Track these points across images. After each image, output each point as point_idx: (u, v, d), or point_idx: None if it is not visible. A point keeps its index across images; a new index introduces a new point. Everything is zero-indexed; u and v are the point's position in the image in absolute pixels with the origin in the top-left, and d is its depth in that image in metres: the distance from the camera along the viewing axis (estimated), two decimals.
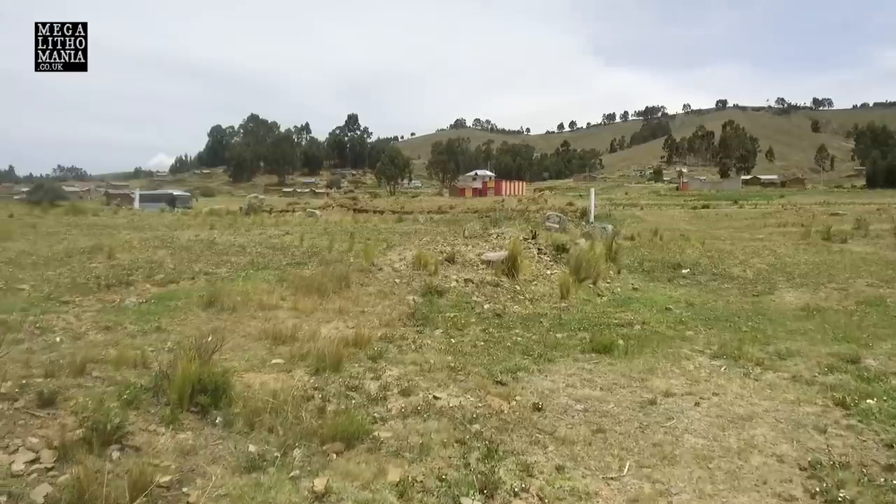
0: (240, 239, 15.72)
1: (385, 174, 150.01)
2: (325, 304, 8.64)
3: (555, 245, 15.77)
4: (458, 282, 10.55)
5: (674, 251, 18.55)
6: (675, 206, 63.22)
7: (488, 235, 14.16)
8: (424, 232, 19.06)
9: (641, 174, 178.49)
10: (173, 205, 53.05)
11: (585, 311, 9.86)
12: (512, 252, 11.45)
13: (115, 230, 18.39)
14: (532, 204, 65.97)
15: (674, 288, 12.56)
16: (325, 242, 14.84)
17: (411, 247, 12.69)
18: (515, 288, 10.81)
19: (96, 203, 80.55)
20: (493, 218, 27.17)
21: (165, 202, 55.54)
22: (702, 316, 9.64)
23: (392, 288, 9.96)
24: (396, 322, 8.25)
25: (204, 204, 66.27)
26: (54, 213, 27.47)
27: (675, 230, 30.93)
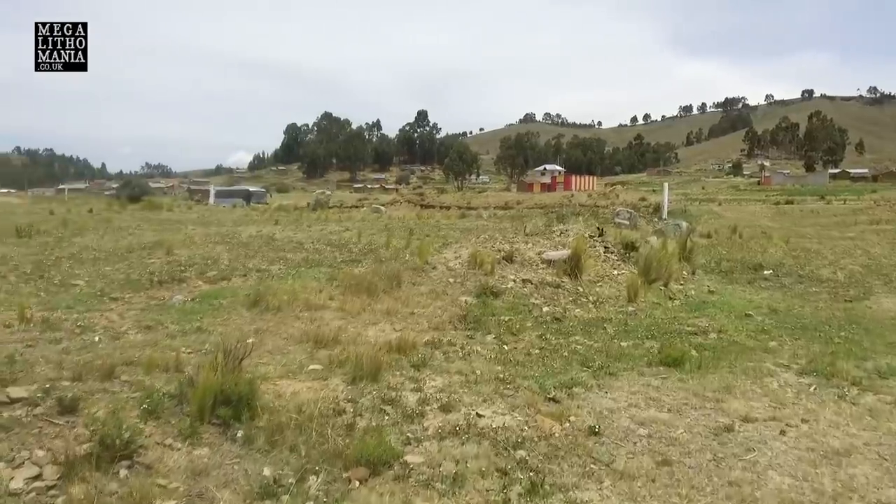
0: (300, 235, 15.59)
1: (453, 170, 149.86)
2: (374, 305, 8.22)
3: (623, 243, 14.92)
4: (515, 282, 9.96)
5: (755, 250, 17.33)
6: (755, 201, 60.10)
7: (551, 233, 13.47)
8: (485, 228, 18.51)
9: (720, 168, 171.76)
10: (249, 200, 54.24)
11: (655, 316, 9.08)
12: (575, 251, 10.76)
13: (183, 225, 18.69)
14: (602, 199, 64.45)
15: (754, 291, 11.56)
16: (383, 239, 14.51)
17: (468, 245, 12.16)
18: (578, 289, 10.13)
19: (179, 198, 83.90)
20: (559, 214, 26.33)
21: (241, 198, 56.84)
22: (787, 324, 8.71)
23: (445, 288, 9.47)
24: (446, 325, 7.75)
25: (278, 199, 67.77)
26: (132, 208, 28.42)
27: (755, 227, 29.22)
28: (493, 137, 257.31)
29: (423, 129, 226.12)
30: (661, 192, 76.75)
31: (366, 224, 20.18)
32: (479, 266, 10.35)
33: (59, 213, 24.43)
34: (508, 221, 24.91)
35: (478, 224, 22.14)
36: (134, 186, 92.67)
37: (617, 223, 22.68)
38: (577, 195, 72.53)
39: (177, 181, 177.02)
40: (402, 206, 75.22)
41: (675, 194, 78.94)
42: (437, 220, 24.60)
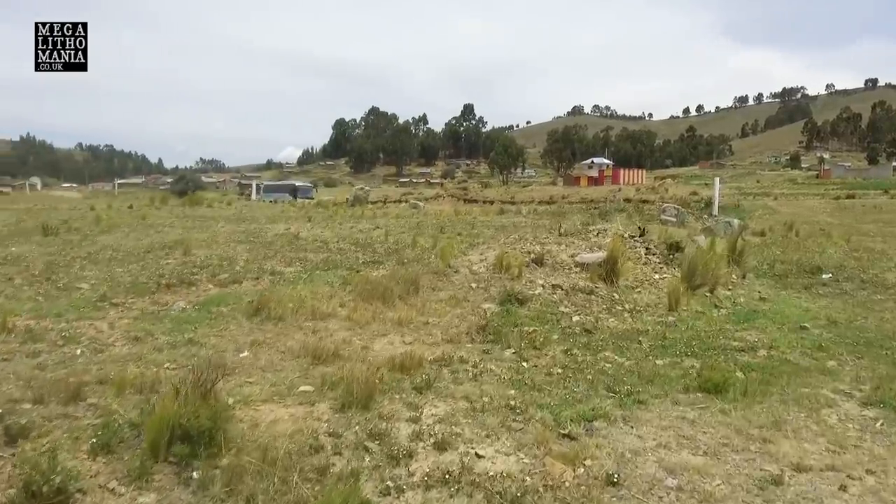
0: (327, 233, 15.14)
1: (498, 164, 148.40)
2: (386, 313, 7.61)
3: (667, 243, 13.98)
4: (544, 288, 9.22)
5: (812, 250, 16.12)
6: (814, 195, 57.44)
7: (587, 233, 12.64)
8: (521, 226, 17.75)
9: (776, 161, 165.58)
10: (295, 195, 54.52)
11: (697, 327, 8.22)
12: (611, 253, 9.94)
13: (216, 222, 18.47)
14: (651, 193, 62.38)
15: (811, 298, 10.53)
16: (411, 238, 13.90)
17: (497, 246, 11.45)
18: (613, 296, 9.32)
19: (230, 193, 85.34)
20: (601, 210, 25.32)
21: (288, 193, 57.37)
22: (848, 339, 7.75)
23: (466, 294, 8.80)
24: (463, 337, 7.09)
25: (325, 194, 68.28)
26: (172, 203, 28.56)
27: (813, 224, 27.61)
28: (539, 131, 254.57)
29: (468, 123, 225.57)
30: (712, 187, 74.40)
31: (399, 221, 19.63)
32: (506, 270, 9.65)
33: (99, 209, 24.67)
34: (548, 218, 24.04)
35: (515, 221, 21.35)
36: (187, 181, 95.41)
37: (663, 220, 21.59)
38: (624, 189, 70.56)
39: (228, 176, 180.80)
40: (446, 201, 74.68)
41: (728, 188, 76.26)
42: (475, 217, 23.89)
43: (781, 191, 66.74)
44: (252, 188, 48.78)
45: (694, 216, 24.65)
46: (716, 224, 19.03)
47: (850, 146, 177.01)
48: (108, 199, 45.91)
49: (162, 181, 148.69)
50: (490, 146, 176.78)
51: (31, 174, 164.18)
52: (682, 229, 20.77)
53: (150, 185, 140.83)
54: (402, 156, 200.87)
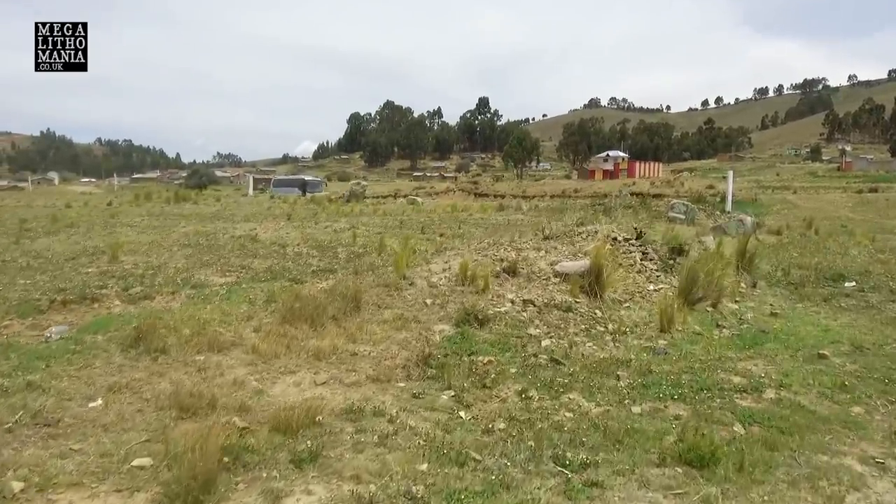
0: (294, 234, 13.81)
1: (512, 157, 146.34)
2: (308, 341, 6.24)
3: (670, 246, 12.49)
4: (513, 304, 7.80)
5: (833, 252, 14.53)
6: (835, 189, 55.16)
7: (575, 234, 11.17)
8: (519, 224, 16.33)
9: (796, 153, 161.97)
10: (304, 190, 53.62)
11: (692, 355, 6.77)
12: (595, 261, 8.49)
13: (186, 220, 17.23)
14: (666, 187, 60.62)
15: (832, 313, 9.01)
16: (387, 240, 12.52)
17: (468, 250, 10.01)
18: (595, 313, 7.89)
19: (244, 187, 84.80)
20: (606, 206, 23.74)
21: (297, 187, 56.84)
22: (877, 372, 6.27)
23: (418, 313, 7.41)
24: (396, 373, 5.71)
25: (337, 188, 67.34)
26: (157, 200, 27.40)
27: (834, 220, 25.84)
28: (555, 123, 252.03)
29: (483, 117, 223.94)
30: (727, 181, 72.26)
31: (385, 220, 18.28)
32: (470, 282, 8.23)
33: (76, 206, 23.56)
34: (549, 215, 22.55)
35: (512, 218, 19.92)
36: (201, 176, 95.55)
37: (671, 218, 20.00)
38: (638, 183, 68.99)
39: (243, 171, 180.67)
40: (456, 195, 73.66)
41: (746, 182, 74.08)
42: (471, 214, 22.49)
43: (801, 184, 64.43)
44: (249, 183, 47.57)
45: (706, 213, 23.01)
46: (727, 222, 17.45)
47: (872, 138, 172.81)
48: (108, 194, 45.00)
49: (177, 176, 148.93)
50: (505, 139, 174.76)
51: (51, 169, 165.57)
52: (691, 228, 19.20)
53: (165, 180, 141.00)
54: (417, 150, 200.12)
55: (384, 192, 64.68)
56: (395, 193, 62.05)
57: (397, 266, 8.82)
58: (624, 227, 12.32)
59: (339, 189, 69.09)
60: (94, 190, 74.14)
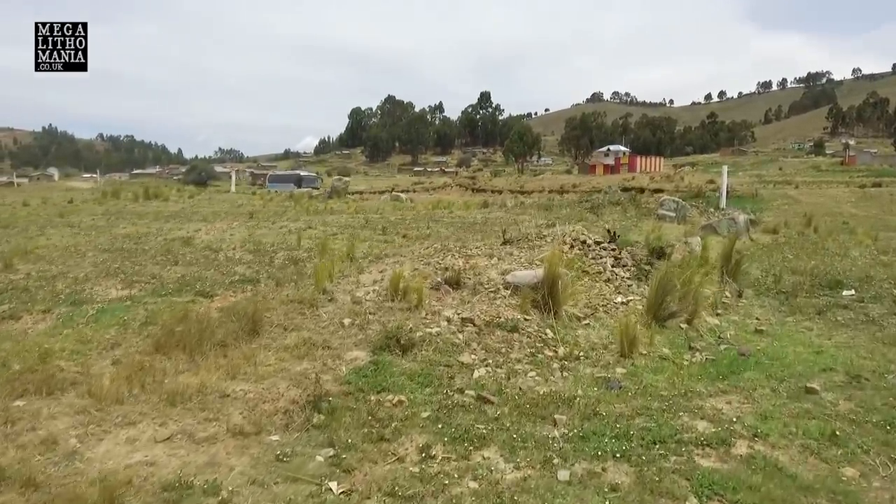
0: (239, 236, 12.66)
1: (513, 152, 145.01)
2: (175, 378, 5.09)
3: (650, 249, 11.33)
4: (449, 322, 6.63)
5: (832, 253, 13.34)
6: (838, 183, 53.72)
7: (540, 238, 9.96)
8: (499, 222, 15.15)
9: (800, 147, 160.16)
10: (300, 185, 52.84)
11: (653, 389, 5.60)
12: (549, 271, 7.30)
13: (134, 220, 16.09)
14: (665, 182, 59.47)
15: (826, 329, 7.83)
16: (337, 243, 11.37)
17: (411, 258, 8.82)
18: (545, 334, 6.72)
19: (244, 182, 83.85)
20: (594, 204, 22.55)
21: (293, 183, 56.36)
22: (877, 414, 5.09)
23: (330, 336, 6.24)
24: (274, 421, 4.56)
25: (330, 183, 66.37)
26: (124, 197, 26.27)
27: (836, 216, 24.61)
28: (558, 118, 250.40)
29: (485, 111, 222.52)
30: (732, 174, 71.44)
31: (354, 218, 17.12)
32: (402, 296, 7.06)
33: (34, 204, 22.45)
34: (535, 212, 21.37)
35: (492, 216, 18.72)
36: (200, 171, 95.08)
37: (660, 216, 18.80)
38: (638, 177, 67.85)
39: (243, 166, 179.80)
40: (453, 191, 72.53)
41: (748, 176, 72.67)
42: (451, 211, 21.29)
43: (804, 179, 63.07)
44: (232, 179, 46.35)
45: (699, 210, 21.77)
46: (718, 221, 16.22)
47: (876, 132, 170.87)
48: (95, 191, 43.82)
49: (177, 171, 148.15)
50: (507, 134, 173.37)
51: (52, 165, 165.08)
52: (681, 225, 18.03)
53: (165, 176, 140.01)
54: (418, 144, 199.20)
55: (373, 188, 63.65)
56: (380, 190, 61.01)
57: (317, 278, 7.63)
58: (598, 229, 11.13)
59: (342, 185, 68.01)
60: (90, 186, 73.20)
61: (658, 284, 7.40)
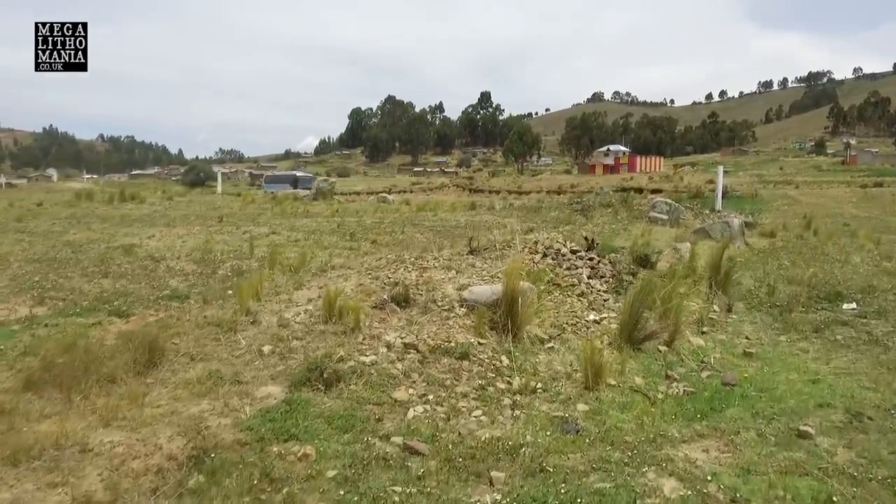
0: (190, 243, 11.81)
1: (513, 152, 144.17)
2: (35, 425, 4.22)
3: (634, 256, 10.47)
4: (389, 349, 5.75)
5: (833, 259, 12.49)
6: (839, 183, 52.83)
7: (511, 246, 9.06)
8: (483, 226, 14.29)
9: (801, 147, 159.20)
10: (296, 186, 52.50)
11: (618, 432, 4.73)
12: (508, 286, 6.41)
13: (94, 224, 15.24)
14: (664, 182, 58.89)
15: (824, 351, 6.95)
16: (294, 251, 10.50)
17: (359, 270, 7.91)
18: (499, 362, 5.84)
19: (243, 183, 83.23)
20: (584, 205, 21.67)
21: (289, 183, 56.34)
22: (883, 467, 4.20)
23: (244, 367, 5.37)
24: (140, 485, 3.68)
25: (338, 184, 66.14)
26: (98, 200, 25.43)
27: (837, 217, 23.74)
28: (559, 118, 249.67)
29: (485, 111, 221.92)
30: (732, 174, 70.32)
31: (328, 222, 16.24)
32: (338, 317, 6.18)
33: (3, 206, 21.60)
34: (522, 214, 20.49)
35: (476, 220, 17.85)
36: (198, 172, 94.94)
37: (652, 218, 17.91)
38: (637, 177, 67.23)
39: (244, 166, 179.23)
40: (451, 191, 71.91)
41: (748, 176, 71.76)
42: (436, 213, 20.42)
43: (804, 178, 62.15)
44: (218, 180, 45.48)
45: (693, 212, 20.87)
46: (712, 224, 15.31)
47: (877, 131, 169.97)
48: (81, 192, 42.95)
49: (176, 172, 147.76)
50: (507, 134, 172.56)
51: (52, 165, 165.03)
52: (673, 228, 17.14)
53: (163, 176, 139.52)
54: (418, 145, 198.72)
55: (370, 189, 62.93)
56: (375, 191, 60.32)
57: (240, 297, 6.76)
58: (585, 233, 10.24)
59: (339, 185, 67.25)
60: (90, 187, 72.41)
61: (632, 301, 6.51)
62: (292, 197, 31.45)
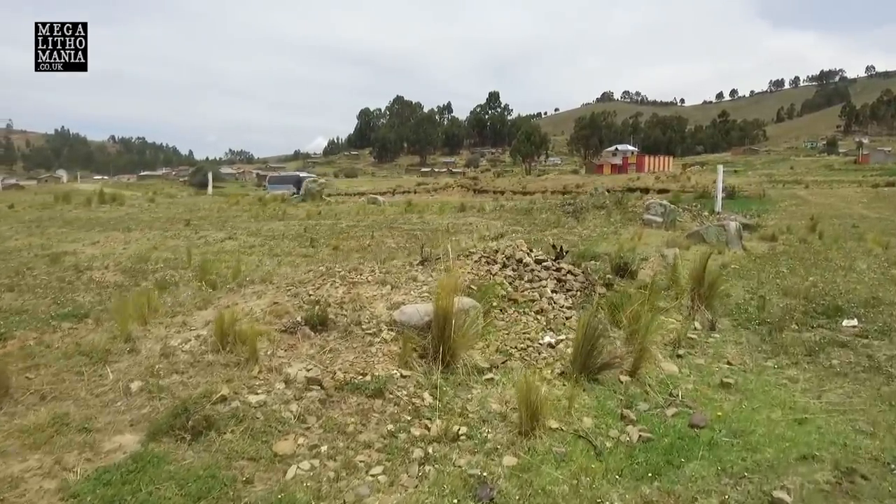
0: (133, 249, 10.91)
1: (520, 152, 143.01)
2: None
3: (612, 265, 9.51)
4: (287, 385, 4.81)
5: (836, 266, 11.46)
6: (850, 183, 51.46)
7: (469, 255, 8.06)
8: (465, 230, 13.36)
9: (812, 146, 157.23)
10: (299, 187, 52.09)
11: (544, 500, 3.77)
12: (440, 306, 5.44)
13: (50, 228, 14.41)
14: (671, 182, 57.91)
15: (816, 381, 5.94)
16: (244, 258, 9.59)
17: (278, 286, 6.94)
18: (420, 401, 4.88)
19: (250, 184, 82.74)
20: (575, 207, 20.67)
21: (293, 184, 56.09)
22: None
23: (100, 410, 4.44)
24: None
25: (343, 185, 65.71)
26: (76, 202, 24.67)
27: (845, 219, 22.59)
28: (568, 118, 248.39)
29: (494, 111, 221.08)
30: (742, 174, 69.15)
31: (301, 225, 15.33)
32: (233, 346, 5.25)
33: None
34: (513, 215, 19.50)
35: (460, 222, 16.89)
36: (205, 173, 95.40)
37: (646, 221, 16.87)
38: (644, 177, 66.23)
39: (252, 167, 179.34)
40: (455, 192, 71.20)
41: (758, 175, 70.32)
42: (421, 216, 19.47)
43: (815, 178, 60.80)
44: (209, 180, 44.78)
45: (692, 213, 19.80)
46: (706, 228, 14.26)
47: (890, 130, 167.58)
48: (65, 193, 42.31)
49: (184, 173, 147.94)
50: (516, 134, 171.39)
51: (64, 167, 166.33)
52: (669, 232, 16.12)
53: (171, 177, 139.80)
54: (426, 145, 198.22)
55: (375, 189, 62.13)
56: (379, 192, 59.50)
57: (120, 319, 5.82)
58: (572, 238, 9.25)
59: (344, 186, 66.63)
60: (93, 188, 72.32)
61: (588, 320, 5.52)
62: (280, 198, 30.59)
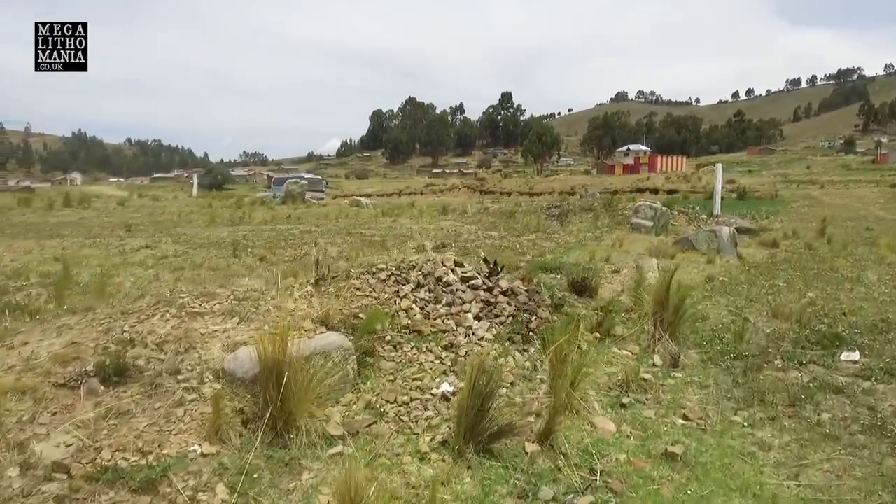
0: (24, 260, 9.61)
1: (532, 152, 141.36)
2: None
3: (570, 281, 8.05)
4: (23, 473, 3.38)
5: (841, 278, 9.92)
6: (867, 183, 49.34)
7: (376, 272, 6.59)
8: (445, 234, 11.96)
9: (830, 145, 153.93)
10: None
11: None
12: (266, 353, 3.98)
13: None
14: (681, 182, 56.34)
15: (796, 448, 4.42)
16: (139, 273, 8.24)
17: (92, 320, 5.40)
18: (211, 496, 3.44)
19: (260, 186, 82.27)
20: (562, 210, 19.14)
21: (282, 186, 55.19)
22: None
23: None
24: None
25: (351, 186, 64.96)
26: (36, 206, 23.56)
27: (859, 221, 20.83)
28: (582, 118, 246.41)
29: (507, 112, 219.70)
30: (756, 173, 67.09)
31: (252, 230, 13.99)
32: None
33: None
34: (494, 219, 18.04)
35: (432, 227, 15.45)
36: (216, 175, 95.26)
37: (634, 225, 15.31)
38: (654, 177, 64.70)
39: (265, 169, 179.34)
40: (461, 193, 69.94)
41: (772, 175, 68.18)
42: (395, 219, 18.06)
43: (831, 178, 58.66)
44: (194, 183, 43.63)
45: (687, 216, 18.18)
46: (696, 234, 12.66)
47: None
48: None
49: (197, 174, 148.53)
50: (528, 134, 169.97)
51: (81, 169, 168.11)
52: (659, 237, 14.56)
53: (182, 179, 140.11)
54: (438, 146, 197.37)
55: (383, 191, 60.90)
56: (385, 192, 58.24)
57: None
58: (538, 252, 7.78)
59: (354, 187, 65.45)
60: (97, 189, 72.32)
61: (475, 372, 4.04)
62: (260, 201, 29.29)
